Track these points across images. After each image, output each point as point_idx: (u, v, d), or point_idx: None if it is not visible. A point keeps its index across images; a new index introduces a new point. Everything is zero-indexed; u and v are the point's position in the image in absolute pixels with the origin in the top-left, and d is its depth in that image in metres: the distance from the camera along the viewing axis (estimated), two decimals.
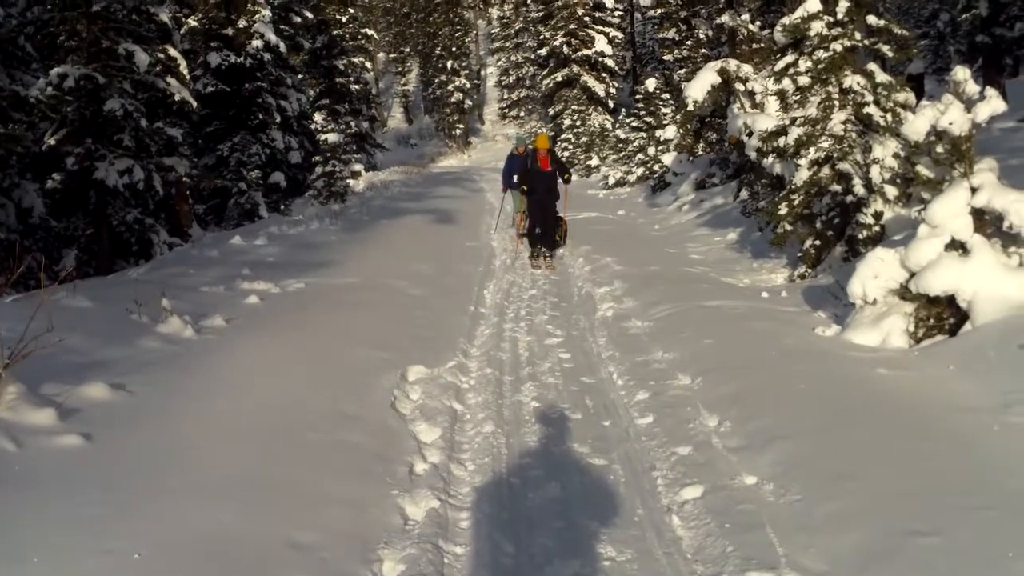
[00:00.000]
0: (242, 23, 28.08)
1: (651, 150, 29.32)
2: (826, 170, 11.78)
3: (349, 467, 6.24)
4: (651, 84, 32.36)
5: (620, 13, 52.65)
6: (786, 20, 11.94)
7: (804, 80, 11.83)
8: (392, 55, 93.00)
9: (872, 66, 11.79)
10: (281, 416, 6.94)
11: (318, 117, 38.55)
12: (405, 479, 6.23)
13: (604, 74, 47.77)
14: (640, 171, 30.43)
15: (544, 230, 16.18)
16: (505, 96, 79.16)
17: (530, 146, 17.56)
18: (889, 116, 11.42)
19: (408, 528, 5.53)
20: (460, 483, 6.39)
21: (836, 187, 11.70)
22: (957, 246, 7.96)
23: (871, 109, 11.50)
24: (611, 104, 47.57)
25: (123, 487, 5.32)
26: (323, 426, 6.87)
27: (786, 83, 12.10)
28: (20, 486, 5.10)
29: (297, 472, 5.96)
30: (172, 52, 20.06)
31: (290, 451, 6.29)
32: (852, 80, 11.56)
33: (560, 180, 16.63)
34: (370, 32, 50.21)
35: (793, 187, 12.04)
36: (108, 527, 4.82)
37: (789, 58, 12.17)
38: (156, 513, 5.05)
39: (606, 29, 48.12)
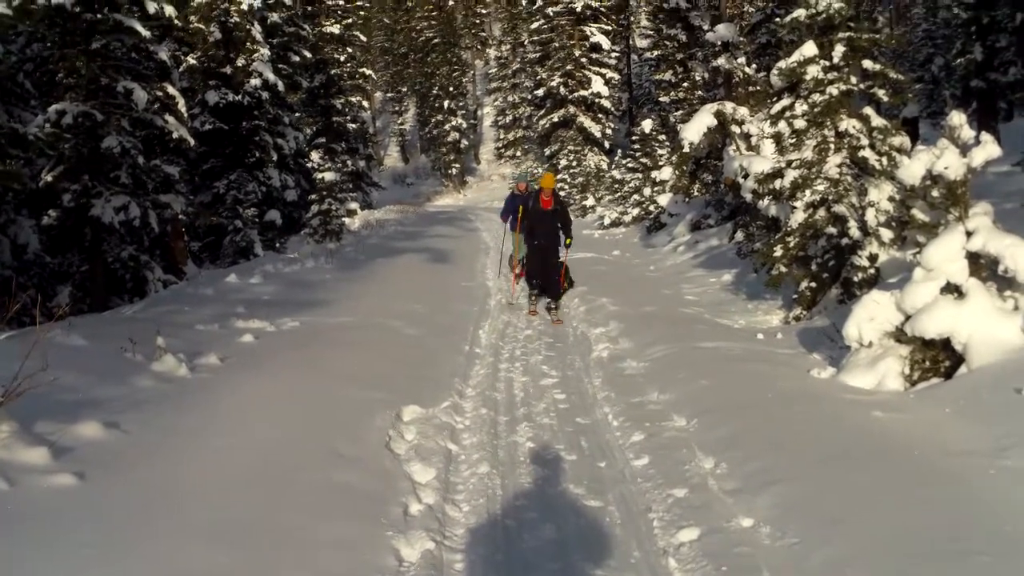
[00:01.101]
0: (241, 62, 28.22)
1: (647, 191, 29.38)
2: (821, 212, 11.81)
3: (343, 508, 6.20)
4: (647, 125, 32.47)
5: (617, 55, 52.88)
6: (782, 64, 12.01)
7: (800, 123, 11.89)
8: (389, 94, 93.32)
9: (868, 110, 11.85)
10: (275, 456, 6.91)
11: (315, 155, 38.58)
12: (400, 520, 6.20)
13: (600, 115, 47.91)
14: (636, 212, 30.48)
15: (545, 280, 15.06)
16: (501, 136, 79.46)
17: (533, 185, 16.52)
18: (884, 160, 11.46)
19: (402, 570, 5.49)
20: (455, 524, 6.36)
21: (831, 229, 11.73)
22: (952, 289, 7.97)
23: (866, 152, 11.55)
24: (607, 145, 47.68)
25: (116, 527, 5.29)
26: (317, 466, 6.84)
27: (782, 126, 12.16)
28: (13, 525, 5.08)
29: (291, 513, 5.92)
30: (170, 90, 20.12)
31: (284, 491, 6.26)
32: (848, 124, 11.62)
33: (561, 238, 15.25)
34: (368, 71, 50.34)
35: (789, 229, 12.07)
36: (101, 567, 4.79)
37: (785, 101, 12.23)
38: (149, 553, 5.02)
39: (603, 70, 48.31)
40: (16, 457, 5.83)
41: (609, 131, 48.25)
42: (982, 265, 7.97)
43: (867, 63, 11.75)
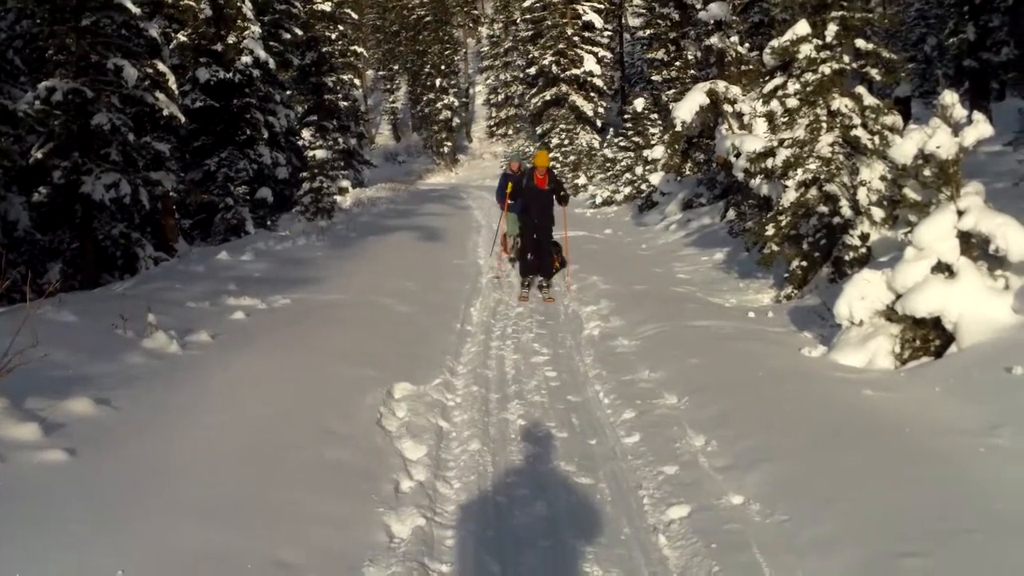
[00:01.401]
0: (231, 39, 28.10)
1: (639, 170, 29.40)
2: (813, 191, 11.81)
3: (334, 484, 6.21)
4: (639, 104, 32.42)
5: (609, 33, 52.84)
6: (775, 42, 11.99)
7: (792, 102, 11.88)
8: (381, 72, 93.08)
9: (860, 89, 11.84)
10: (266, 433, 6.91)
11: (306, 133, 38.54)
12: (391, 497, 6.21)
13: (592, 93, 47.88)
14: (627, 190, 30.50)
15: (539, 258, 14.70)
16: (493, 114, 79.38)
17: (527, 164, 16.16)
18: (876, 139, 11.46)
19: (393, 546, 5.50)
20: (446, 501, 6.37)
21: (823, 208, 11.74)
22: (943, 268, 7.98)
23: (859, 131, 11.54)
24: (599, 123, 47.65)
25: (107, 503, 5.29)
26: (308, 443, 6.84)
27: (774, 105, 12.15)
28: (3, 501, 5.07)
29: (282, 489, 5.93)
30: (161, 67, 20.03)
31: (275, 468, 6.26)
32: (840, 103, 11.61)
33: (556, 201, 14.98)
34: (359, 49, 50.26)
35: (780, 208, 12.07)
36: (92, 543, 4.79)
37: (778, 80, 12.22)
38: (140, 530, 5.02)
39: (595, 49, 48.27)
40: (7, 433, 5.83)
41: (601, 110, 48.23)
42: (973, 244, 7.98)
43: (860, 42, 11.73)
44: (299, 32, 35.67)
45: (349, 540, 5.43)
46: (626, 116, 33.60)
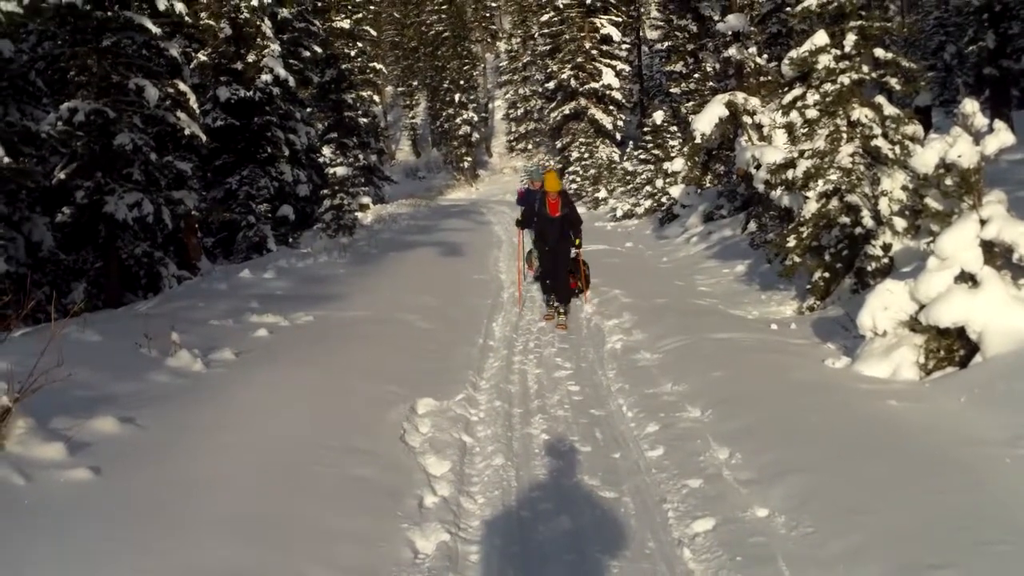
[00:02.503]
0: (251, 57, 28.26)
1: (659, 182, 29.37)
2: (834, 202, 11.78)
3: (359, 501, 6.22)
4: (659, 117, 32.42)
5: (627, 46, 52.78)
6: (793, 53, 11.97)
7: (812, 113, 11.86)
8: (400, 88, 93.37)
9: (880, 99, 11.81)
10: (290, 450, 6.92)
11: (326, 150, 38.58)
12: (415, 512, 6.21)
13: (611, 107, 47.80)
14: (648, 203, 30.46)
15: (555, 283, 14.04)
16: (513, 129, 79.41)
17: (533, 183, 15.08)
18: (897, 148, 11.43)
19: (418, 562, 5.51)
20: (470, 516, 6.37)
21: (845, 219, 11.70)
22: (967, 278, 7.94)
23: (879, 142, 11.51)
24: (619, 137, 47.56)
25: (132, 521, 5.30)
26: (332, 460, 6.86)
27: (794, 116, 12.13)
28: (29, 520, 5.10)
29: (307, 506, 5.94)
30: (182, 87, 20.17)
31: (299, 485, 6.28)
32: (860, 113, 11.59)
33: (572, 243, 14.29)
34: (378, 66, 50.40)
35: (802, 219, 12.04)
36: (117, 562, 4.81)
37: (797, 91, 12.20)
38: (165, 548, 5.03)
39: (613, 62, 48.18)
40: (32, 452, 5.85)
41: (620, 123, 48.11)
42: (996, 253, 7.94)
43: (879, 52, 11.71)
44: (318, 50, 35.81)
45: (374, 556, 5.44)
46: (645, 129, 33.55)
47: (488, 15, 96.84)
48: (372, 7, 52.03)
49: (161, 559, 4.90)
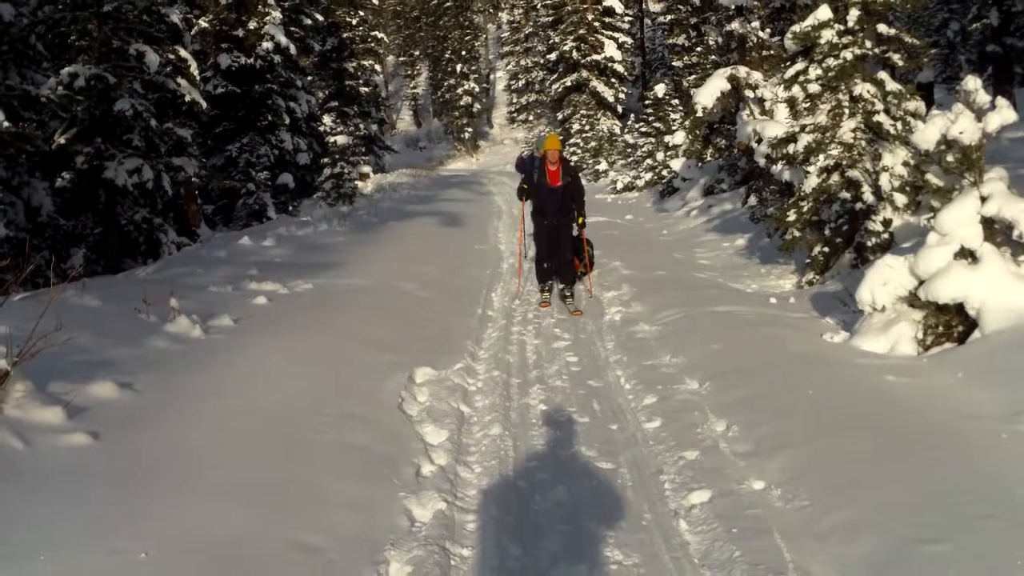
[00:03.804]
0: (252, 25, 28.12)
1: (660, 155, 29.33)
2: (835, 177, 11.77)
3: (356, 468, 6.24)
4: (660, 90, 32.35)
5: (630, 19, 52.57)
6: (796, 28, 11.93)
7: (814, 88, 11.83)
8: (402, 58, 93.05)
9: (882, 74, 11.77)
10: (288, 417, 6.94)
11: (327, 119, 38.48)
12: (412, 481, 6.23)
13: (613, 79, 47.66)
14: (648, 176, 30.43)
15: (557, 263, 12.77)
16: (514, 100, 79.14)
17: (526, 154, 13.69)
18: (899, 124, 11.41)
19: (415, 530, 5.53)
20: (467, 485, 6.39)
21: (845, 194, 11.69)
22: (966, 254, 7.94)
23: (881, 117, 11.49)
24: (620, 109, 47.46)
25: (130, 486, 5.32)
26: (330, 427, 6.87)
27: (796, 90, 12.09)
28: (28, 484, 5.11)
29: (304, 473, 5.96)
30: (182, 53, 20.09)
31: (297, 452, 6.30)
32: (862, 88, 11.55)
33: (574, 218, 12.88)
34: (380, 35, 50.24)
35: (802, 194, 12.03)
36: (115, 526, 4.82)
37: (799, 66, 12.16)
38: (163, 513, 5.05)
39: (616, 35, 48.03)
40: (31, 417, 5.86)
41: (622, 96, 48.00)
42: (996, 230, 7.94)
43: (882, 27, 11.67)
44: (320, 18, 35.61)
45: (371, 524, 5.46)
46: (647, 102, 33.47)
47: None
48: None
49: (159, 523, 4.92)
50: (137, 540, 4.70)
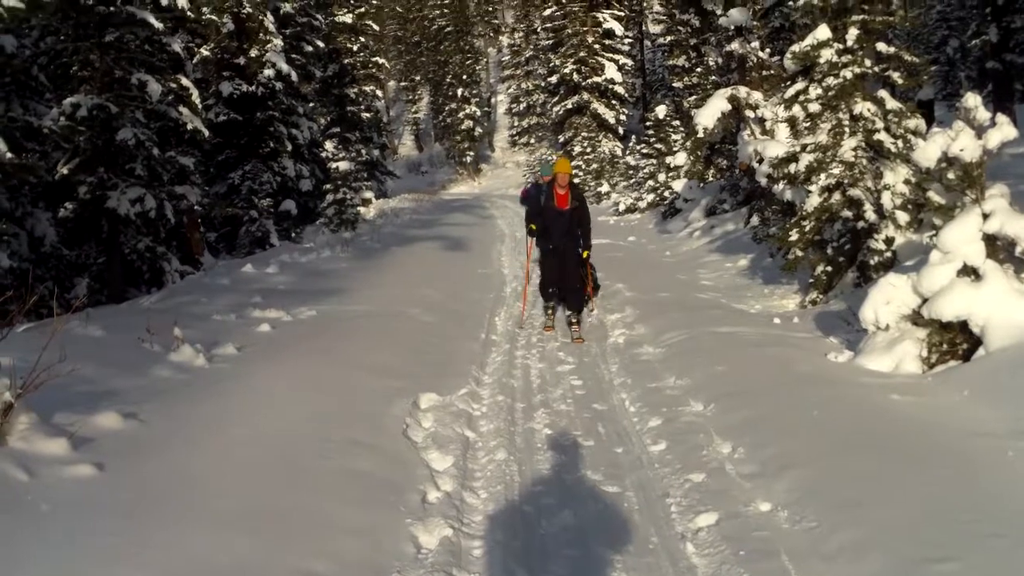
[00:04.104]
0: (254, 52, 28.24)
1: (661, 176, 29.36)
2: (837, 196, 11.77)
3: (362, 495, 6.22)
4: (661, 111, 32.42)
5: (630, 41, 52.78)
6: (796, 47, 11.95)
7: (814, 107, 11.85)
8: (403, 83, 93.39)
9: (882, 93, 11.80)
10: (292, 444, 6.93)
11: (329, 145, 38.58)
12: (418, 507, 6.22)
13: (614, 101, 47.80)
14: (650, 197, 30.47)
15: (564, 288, 12.46)
16: (515, 123, 79.36)
17: (543, 179, 13.28)
18: (900, 142, 11.42)
19: (421, 557, 5.51)
20: (473, 511, 6.37)
21: (847, 213, 11.69)
22: (969, 272, 7.94)
23: (882, 135, 11.50)
24: (621, 131, 47.60)
25: (135, 516, 5.31)
26: (335, 454, 6.86)
27: (796, 110, 12.11)
28: (33, 516, 5.10)
29: (310, 501, 5.94)
30: (184, 82, 20.15)
31: (303, 480, 6.28)
32: (862, 107, 11.57)
33: (579, 244, 12.47)
34: (381, 60, 50.37)
35: (804, 213, 12.03)
36: (120, 556, 4.81)
37: (799, 85, 12.18)
38: (169, 543, 5.04)
39: (616, 56, 48.19)
40: (36, 448, 5.85)
41: (623, 117, 48.15)
42: (999, 247, 7.93)
43: (881, 46, 11.69)
44: (321, 44, 35.77)
45: (377, 551, 5.44)
46: (648, 123, 33.54)
47: (491, 9, 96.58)
48: (375, 1, 51.90)
49: (164, 553, 4.91)
50: (142, 570, 4.69)
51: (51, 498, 5.35)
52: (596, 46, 47.77)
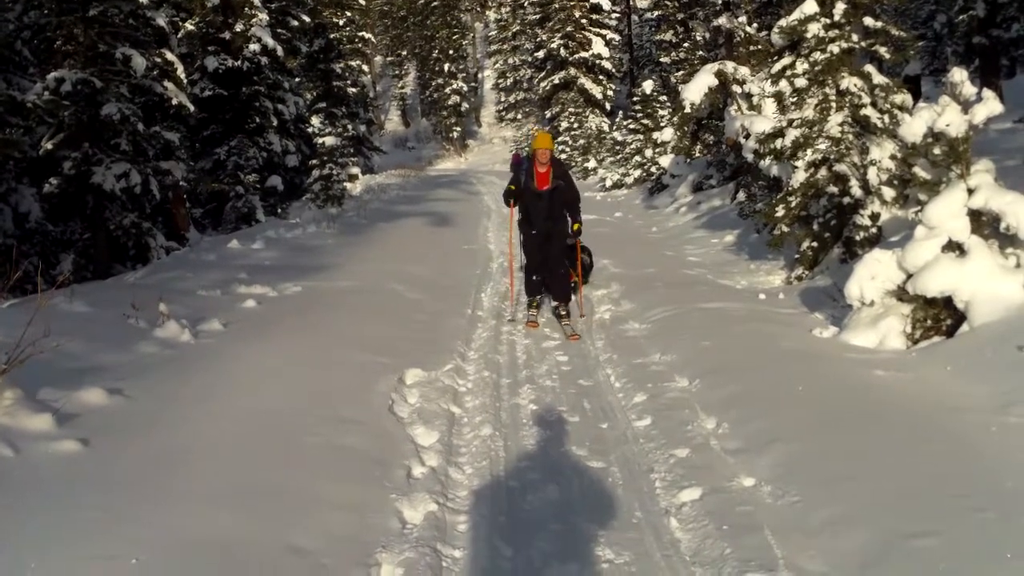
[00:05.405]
0: (239, 27, 28.06)
1: (648, 152, 29.37)
2: (823, 172, 11.78)
3: (347, 471, 6.23)
4: (648, 86, 32.40)
5: (617, 15, 52.68)
6: (783, 22, 11.95)
7: (801, 82, 11.85)
8: (389, 58, 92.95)
9: (869, 68, 11.80)
10: (279, 420, 6.93)
11: (315, 120, 38.42)
12: (403, 483, 6.22)
13: (601, 76, 47.75)
14: (637, 173, 30.47)
15: (549, 276, 11.53)
16: (502, 99, 79.12)
17: (523, 152, 12.22)
18: (886, 118, 11.43)
19: (406, 532, 5.51)
20: (458, 486, 6.38)
21: (833, 189, 11.70)
22: (954, 247, 7.96)
23: (868, 111, 11.51)
24: (608, 106, 47.58)
25: (121, 492, 5.31)
26: (321, 430, 6.86)
27: (783, 85, 12.11)
28: (18, 491, 5.10)
29: (295, 476, 5.94)
30: (169, 56, 20.03)
31: (288, 455, 6.28)
32: (849, 82, 11.57)
33: (566, 220, 11.43)
34: (367, 35, 50.21)
35: (790, 189, 12.05)
36: (106, 532, 4.81)
37: (786, 60, 12.18)
38: (154, 518, 5.04)
39: (603, 31, 48.13)
40: (20, 424, 5.85)
41: (610, 93, 48.13)
42: (984, 223, 7.95)
43: (868, 20, 11.69)
44: (306, 19, 35.54)
45: (362, 526, 5.45)
46: (635, 99, 33.51)
47: None
48: None
49: (150, 530, 4.90)
50: (128, 546, 4.69)
51: (36, 474, 5.36)
52: (583, 21, 47.70)
